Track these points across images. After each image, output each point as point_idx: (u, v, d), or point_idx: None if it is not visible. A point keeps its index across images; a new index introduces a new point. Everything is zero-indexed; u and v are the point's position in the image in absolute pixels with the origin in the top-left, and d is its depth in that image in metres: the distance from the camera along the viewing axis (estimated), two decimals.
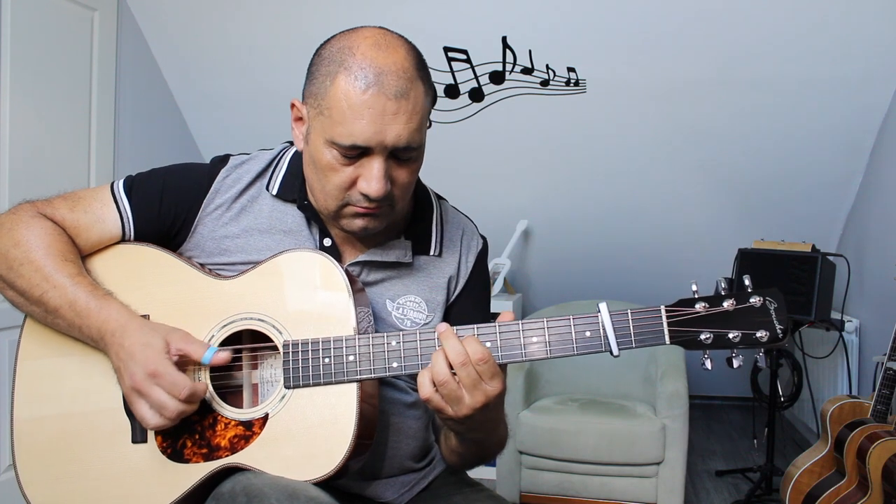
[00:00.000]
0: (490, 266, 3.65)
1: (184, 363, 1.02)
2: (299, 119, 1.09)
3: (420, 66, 1.03)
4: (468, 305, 1.22)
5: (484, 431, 1.05)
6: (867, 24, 2.83)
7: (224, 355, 1.02)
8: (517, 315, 3.66)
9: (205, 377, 1.05)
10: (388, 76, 0.98)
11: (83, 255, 1.11)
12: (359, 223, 1.07)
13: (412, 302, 1.17)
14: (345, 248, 1.16)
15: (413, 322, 1.16)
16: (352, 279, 1.06)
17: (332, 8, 3.10)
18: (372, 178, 1.01)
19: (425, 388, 0.95)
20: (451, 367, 0.94)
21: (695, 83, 3.16)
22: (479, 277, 1.25)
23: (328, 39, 1.05)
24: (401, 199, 1.09)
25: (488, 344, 0.98)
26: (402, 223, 1.18)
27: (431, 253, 1.19)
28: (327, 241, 1.14)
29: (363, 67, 0.98)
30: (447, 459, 1.22)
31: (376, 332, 1.10)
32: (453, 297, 1.21)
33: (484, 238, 1.28)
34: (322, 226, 1.14)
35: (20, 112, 2.64)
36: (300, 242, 1.13)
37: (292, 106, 1.09)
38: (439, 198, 1.26)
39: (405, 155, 1.03)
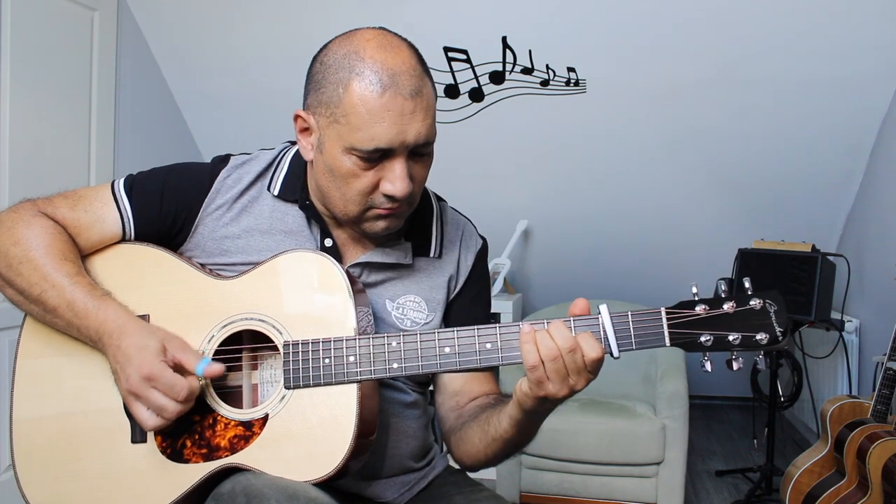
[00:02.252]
0: (490, 266, 3.65)
1: (182, 371, 1.02)
2: (305, 130, 1.08)
3: (422, 61, 1.04)
4: (468, 303, 1.23)
5: (546, 415, 1.05)
6: (867, 24, 2.83)
7: (217, 367, 1.01)
8: (516, 316, 3.62)
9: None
10: (402, 76, 0.98)
11: (83, 254, 1.11)
12: (381, 224, 1.07)
13: (412, 301, 1.17)
14: (346, 248, 1.16)
15: (413, 322, 1.16)
16: (352, 279, 1.06)
17: (332, 8, 3.10)
18: (396, 178, 1.01)
19: (531, 357, 0.94)
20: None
21: (695, 83, 3.16)
22: (479, 276, 1.25)
23: (326, 46, 1.05)
24: (417, 196, 1.10)
25: (488, 345, 0.98)
26: (402, 225, 1.18)
27: (431, 255, 1.20)
28: (328, 242, 1.14)
29: (376, 71, 0.98)
30: (476, 454, 1.13)
31: (376, 332, 1.10)
32: (453, 295, 1.22)
33: (484, 239, 1.29)
34: (323, 226, 1.14)
35: (20, 112, 2.64)
36: (301, 243, 1.13)
37: (296, 118, 1.08)
38: (439, 199, 1.26)
39: (423, 150, 1.04)
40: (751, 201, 3.63)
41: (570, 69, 3.22)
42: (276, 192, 1.15)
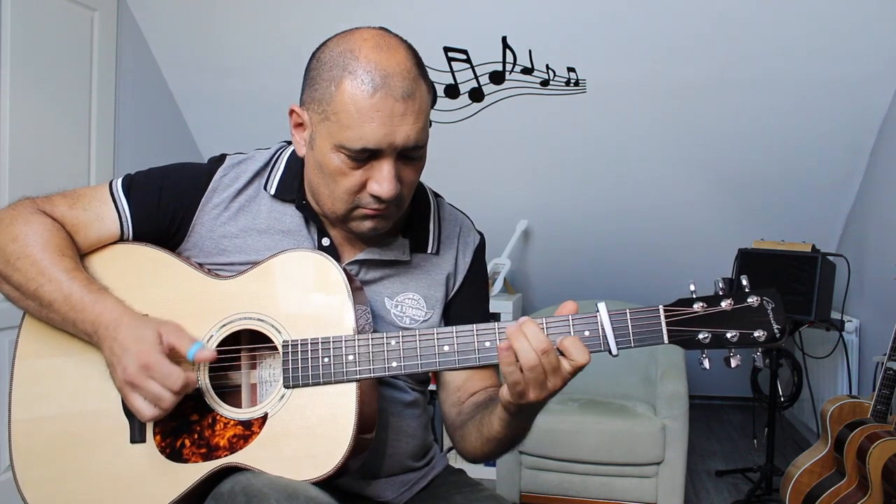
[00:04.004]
0: (490, 266, 3.65)
1: (174, 356, 1.02)
2: (300, 125, 1.08)
3: (419, 64, 1.04)
4: (467, 302, 1.23)
5: (536, 413, 1.05)
6: (867, 24, 2.83)
7: (208, 353, 1.00)
8: (516, 316, 3.64)
9: (203, 371, 1.05)
10: (394, 78, 0.98)
11: (82, 253, 1.11)
12: (368, 224, 1.07)
13: (411, 299, 1.17)
14: (343, 247, 1.16)
15: (412, 319, 1.16)
16: (350, 278, 1.06)
17: (332, 8, 3.10)
18: (383, 179, 1.01)
19: (514, 375, 0.94)
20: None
21: (695, 83, 3.16)
22: (478, 274, 1.25)
23: (325, 43, 1.05)
24: (407, 198, 1.09)
25: (487, 343, 0.98)
26: (399, 221, 1.18)
27: (429, 251, 1.20)
28: (325, 241, 1.14)
29: (369, 70, 0.98)
30: (475, 451, 1.15)
31: (375, 330, 1.10)
32: (452, 293, 1.22)
33: (481, 234, 1.29)
34: (320, 225, 1.14)
35: (20, 112, 2.64)
36: (299, 242, 1.13)
37: (291, 112, 1.09)
38: (436, 195, 1.26)
39: (413, 154, 1.04)
40: (751, 201, 3.63)
41: (570, 69, 3.22)
42: (272, 192, 1.15)
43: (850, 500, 2.34)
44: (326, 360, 1.01)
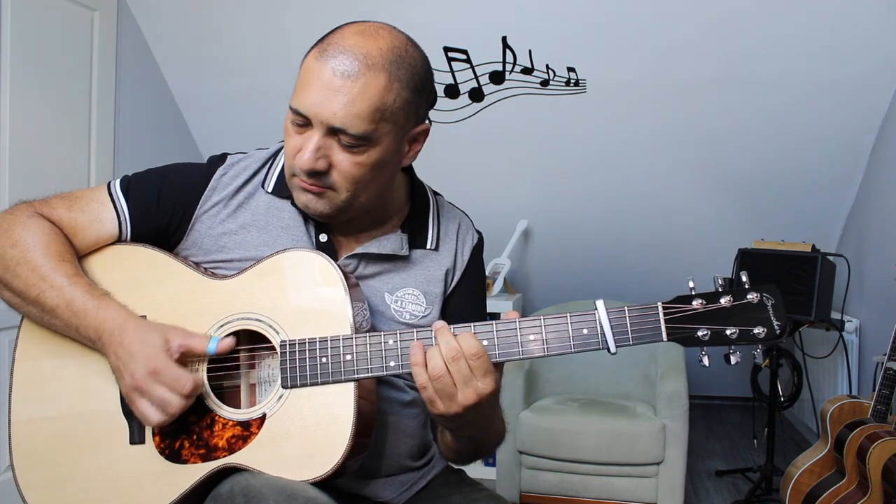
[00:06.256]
0: (490, 266, 3.65)
1: (185, 359, 1.02)
2: None
3: (395, 62, 1.01)
4: (464, 299, 1.23)
5: (477, 428, 1.06)
6: (867, 24, 2.83)
7: (228, 341, 1.02)
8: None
9: (202, 372, 1.05)
10: (346, 54, 0.99)
11: (80, 255, 1.11)
12: (302, 198, 1.08)
13: (410, 294, 1.17)
14: (340, 243, 1.16)
15: (412, 315, 1.16)
16: (346, 275, 1.05)
17: (332, 8, 3.10)
18: (304, 149, 1.02)
19: (421, 377, 0.97)
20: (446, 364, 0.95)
21: (695, 83, 3.16)
22: (475, 271, 1.25)
23: None
24: (345, 189, 1.05)
25: (485, 342, 0.98)
26: (398, 217, 1.19)
27: (428, 246, 1.20)
28: (323, 237, 1.14)
29: (332, 44, 1.00)
30: (444, 455, 1.22)
31: (374, 325, 1.11)
32: (450, 290, 1.22)
33: (480, 233, 1.29)
34: (318, 222, 1.14)
35: (20, 112, 2.64)
36: (296, 238, 1.13)
37: None
38: (435, 193, 1.27)
39: (344, 139, 1.01)
40: (751, 201, 3.63)
41: (570, 69, 3.22)
42: (270, 189, 1.16)
43: (850, 500, 2.34)
44: (324, 359, 1.01)
